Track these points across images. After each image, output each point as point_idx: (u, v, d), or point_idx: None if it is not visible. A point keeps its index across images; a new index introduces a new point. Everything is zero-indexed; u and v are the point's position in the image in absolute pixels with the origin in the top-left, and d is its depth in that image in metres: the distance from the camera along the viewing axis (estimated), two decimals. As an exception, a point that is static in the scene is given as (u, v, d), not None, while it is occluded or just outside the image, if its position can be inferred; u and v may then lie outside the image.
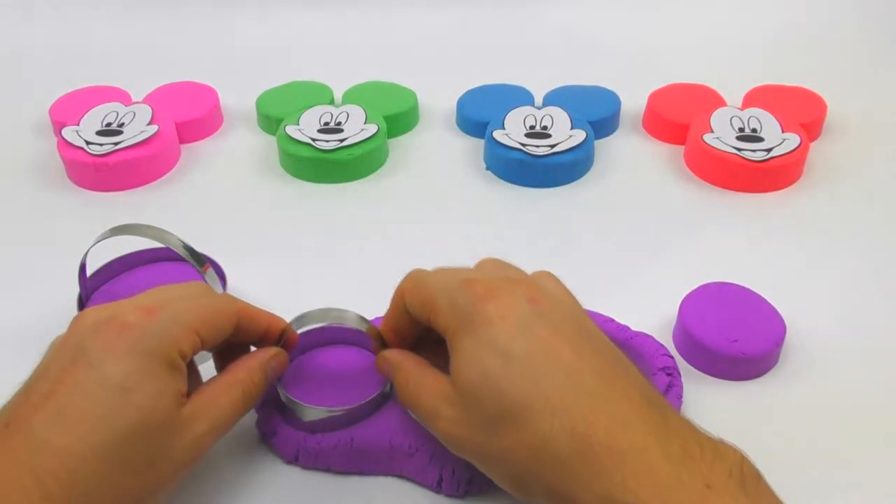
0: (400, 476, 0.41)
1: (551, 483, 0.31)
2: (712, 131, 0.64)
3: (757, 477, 0.31)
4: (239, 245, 0.56)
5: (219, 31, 0.85)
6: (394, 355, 0.40)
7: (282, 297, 0.52)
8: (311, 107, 0.68)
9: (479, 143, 0.68)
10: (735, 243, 0.57)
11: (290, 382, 0.44)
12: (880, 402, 0.45)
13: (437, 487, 0.40)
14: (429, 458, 0.40)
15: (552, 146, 0.63)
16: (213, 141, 0.70)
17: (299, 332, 0.43)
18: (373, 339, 0.42)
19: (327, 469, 0.41)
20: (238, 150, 0.69)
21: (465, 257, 0.55)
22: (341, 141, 0.64)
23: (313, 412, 0.41)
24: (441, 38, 0.84)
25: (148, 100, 0.71)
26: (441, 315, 0.36)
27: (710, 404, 0.44)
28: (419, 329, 0.40)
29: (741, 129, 0.64)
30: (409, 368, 0.38)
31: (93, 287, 0.50)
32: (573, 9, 0.86)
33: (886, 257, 0.55)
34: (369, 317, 0.43)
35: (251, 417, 0.44)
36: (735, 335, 0.45)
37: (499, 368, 0.33)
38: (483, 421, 0.33)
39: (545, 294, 0.36)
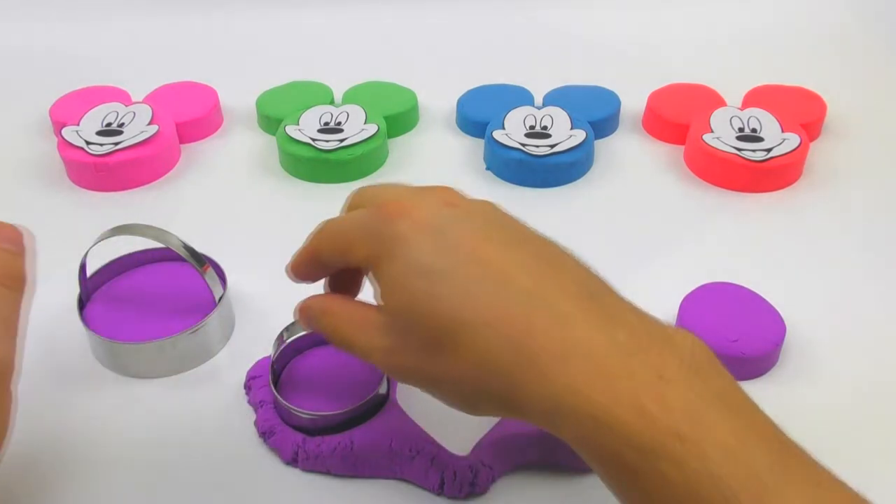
0: (400, 479, 0.41)
1: (498, 396, 0.30)
2: (712, 131, 0.64)
3: (710, 361, 0.29)
4: (239, 245, 0.56)
5: (219, 31, 0.85)
6: (314, 301, 0.37)
7: (282, 297, 0.52)
8: (311, 107, 0.68)
9: (479, 143, 0.68)
10: (735, 243, 0.57)
11: (286, 385, 0.44)
12: (880, 401, 0.45)
13: (439, 490, 0.40)
14: (429, 461, 0.40)
15: (552, 146, 0.63)
16: (213, 141, 0.70)
17: (290, 340, 0.43)
18: None
19: (327, 472, 0.41)
20: (238, 150, 0.69)
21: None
22: (341, 141, 0.64)
23: (308, 416, 0.41)
24: (441, 38, 0.84)
25: (148, 100, 0.71)
26: (359, 248, 0.34)
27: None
28: (328, 273, 0.38)
29: (741, 129, 0.64)
30: (334, 310, 0.36)
31: (93, 287, 0.50)
32: (573, 9, 0.86)
33: (886, 257, 0.55)
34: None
35: (250, 417, 0.44)
36: (735, 335, 0.45)
37: (425, 289, 0.31)
38: (420, 345, 0.32)
39: (463, 196, 0.34)
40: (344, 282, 0.39)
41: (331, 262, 0.36)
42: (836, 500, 0.27)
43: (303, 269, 0.38)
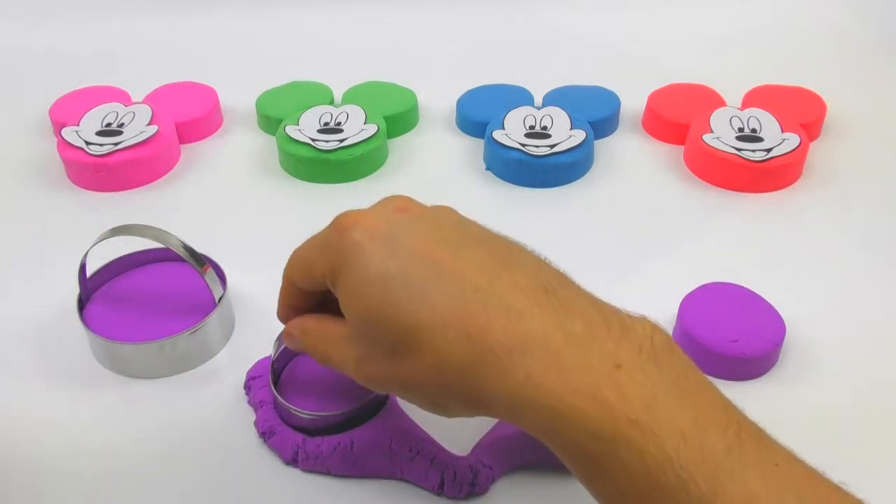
0: (400, 479, 0.41)
1: (463, 394, 0.30)
2: (712, 131, 0.64)
3: (669, 347, 0.29)
4: (239, 245, 0.56)
5: (219, 31, 0.85)
6: (294, 324, 0.38)
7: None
8: (310, 107, 0.68)
9: (479, 143, 0.68)
10: (735, 243, 0.57)
11: (286, 385, 0.44)
12: (880, 401, 0.45)
13: (439, 490, 0.40)
14: (429, 461, 0.40)
15: (552, 146, 0.63)
16: (213, 141, 0.70)
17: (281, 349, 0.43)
18: None
19: (327, 472, 0.41)
20: (238, 150, 0.69)
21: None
22: (341, 141, 0.64)
23: (308, 416, 0.41)
24: (441, 38, 0.84)
25: (148, 100, 0.71)
26: (318, 265, 0.34)
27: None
28: (315, 300, 0.38)
29: (741, 129, 0.64)
30: (310, 328, 0.37)
31: (93, 287, 0.50)
32: (573, 9, 0.86)
33: (886, 257, 0.55)
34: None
35: (250, 417, 0.44)
36: (735, 335, 0.45)
37: (381, 295, 0.31)
38: (384, 352, 0.32)
39: (416, 202, 0.35)
40: (333, 304, 0.39)
41: (301, 285, 0.37)
42: (794, 479, 0.27)
43: (286, 301, 0.39)
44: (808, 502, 0.26)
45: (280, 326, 0.45)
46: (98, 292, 0.51)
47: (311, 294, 0.38)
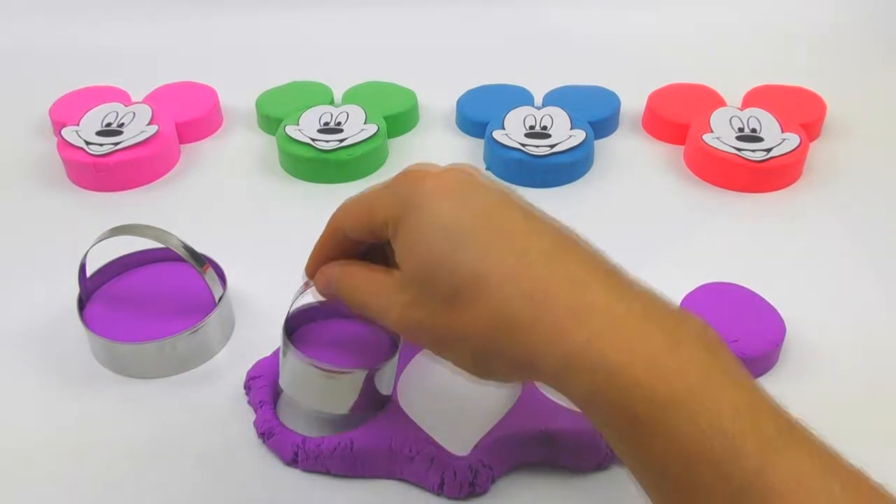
0: (400, 480, 0.41)
1: (512, 353, 0.30)
2: (712, 131, 0.64)
3: (720, 341, 0.30)
4: (239, 245, 0.56)
5: (219, 31, 0.85)
6: (333, 266, 0.38)
7: (282, 297, 0.52)
8: (310, 107, 0.68)
9: (479, 143, 0.68)
10: (735, 243, 0.57)
11: (298, 346, 0.42)
12: (880, 401, 0.45)
13: (439, 490, 0.40)
14: (429, 461, 0.40)
15: (552, 146, 0.63)
16: (213, 141, 0.70)
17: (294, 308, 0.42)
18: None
19: (327, 472, 0.41)
20: (238, 150, 0.69)
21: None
22: (341, 141, 0.64)
23: (332, 373, 0.39)
24: (441, 38, 0.84)
25: (148, 100, 0.71)
26: (381, 211, 0.34)
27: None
28: (353, 254, 0.38)
29: (741, 129, 0.64)
30: (353, 272, 0.37)
31: (93, 287, 0.50)
32: (573, 9, 0.86)
33: (886, 257, 0.55)
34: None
35: (250, 417, 0.44)
36: (735, 335, 0.45)
37: (447, 243, 0.31)
38: (438, 301, 0.32)
39: (479, 172, 0.35)
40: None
41: (353, 233, 0.36)
42: (840, 468, 0.27)
43: (322, 251, 0.38)
44: (851, 491, 0.26)
45: (279, 325, 0.45)
46: (98, 292, 0.51)
47: (351, 247, 0.37)
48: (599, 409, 0.29)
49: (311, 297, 0.42)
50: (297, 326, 0.44)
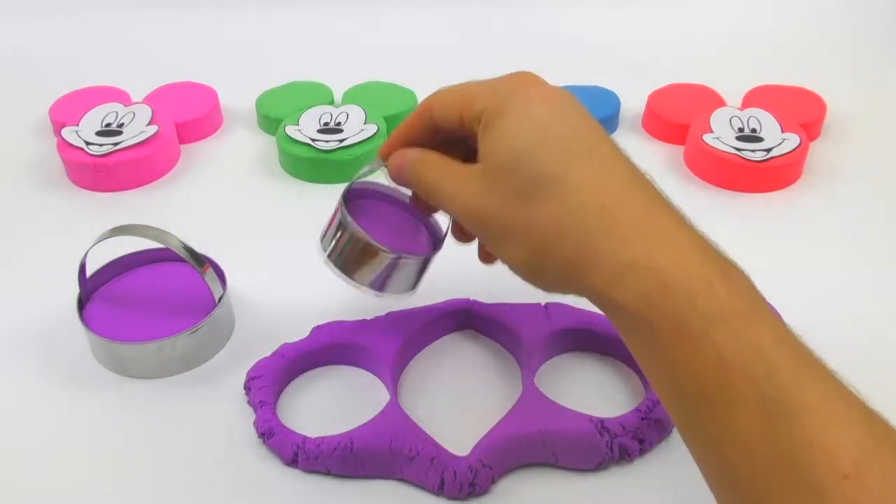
0: (400, 480, 0.41)
1: (571, 255, 0.32)
2: (712, 131, 0.64)
3: (760, 291, 0.32)
4: (239, 245, 0.56)
5: (219, 31, 0.85)
6: (411, 150, 0.39)
7: (282, 297, 0.53)
8: (310, 107, 0.68)
9: (479, 144, 0.67)
10: (735, 243, 0.57)
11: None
12: (880, 401, 0.45)
13: (439, 490, 0.40)
14: (429, 461, 0.40)
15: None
16: (212, 141, 0.70)
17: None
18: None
19: (327, 472, 0.41)
20: (238, 150, 0.69)
21: (464, 256, 0.55)
22: (341, 141, 0.64)
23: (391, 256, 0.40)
24: (441, 38, 0.84)
25: (148, 100, 0.71)
26: (479, 101, 0.35)
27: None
28: (433, 143, 0.39)
29: (741, 129, 0.64)
30: (431, 156, 0.38)
31: (92, 287, 0.50)
32: (573, 9, 0.86)
33: (886, 257, 0.55)
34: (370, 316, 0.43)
35: (250, 417, 0.44)
36: (735, 335, 0.45)
37: (538, 140, 0.33)
38: (511, 192, 0.33)
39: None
40: None
41: (443, 119, 0.37)
42: (863, 406, 0.29)
43: (404, 132, 0.39)
44: (873, 417, 0.29)
45: (279, 325, 0.45)
46: (98, 292, 0.51)
47: (433, 134, 0.38)
48: (648, 318, 0.30)
49: (378, 176, 0.42)
50: (352, 199, 0.43)
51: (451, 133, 0.38)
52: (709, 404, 0.29)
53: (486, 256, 0.42)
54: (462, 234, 0.42)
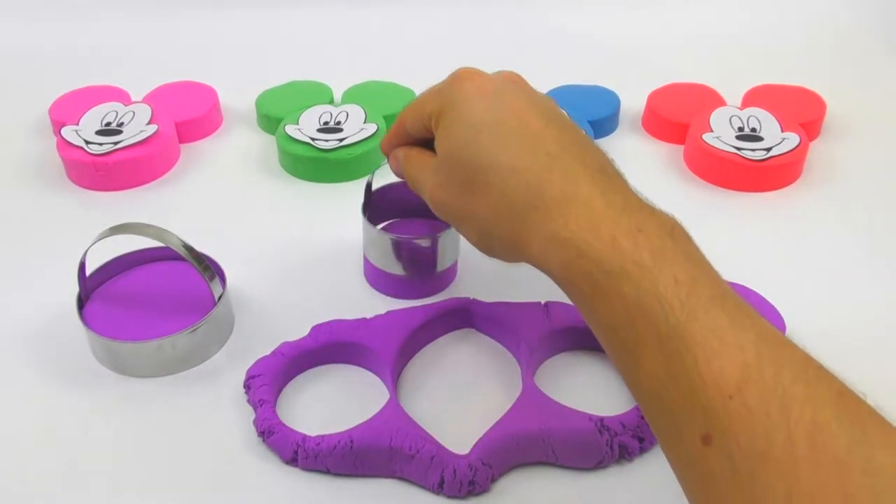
0: (400, 478, 0.41)
1: (507, 234, 0.36)
2: (712, 131, 0.64)
3: (686, 236, 0.34)
4: (239, 245, 0.56)
5: (218, 31, 0.85)
6: (402, 149, 0.44)
7: (282, 296, 0.53)
8: (310, 106, 0.68)
9: (479, 143, 0.67)
10: (735, 243, 0.57)
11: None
12: (880, 401, 0.45)
13: (438, 489, 0.40)
14: (429, 460, 0.40)
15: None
16: (212, 141, 0.70)
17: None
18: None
19: (326, 471, 0.41)
20: (238, 150, 0.69)
21: (464, 255, 0.55)
22: (341, 140, 0.64)
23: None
24: (441, 37, 0.84)
25: (147, 99, 0.71)
26: (429, 105, 0.40)
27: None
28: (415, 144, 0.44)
29: (741, 129, 0.64)
30: (411, 154, 0.43)
31: (92, 286, 0.50)
32: (573, 9, 0.86)
33: (886, 257, 0.55)
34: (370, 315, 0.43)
35: (250, 417, 0.44)
36: (735, 334, 0.45)
37: (469, 137, 0.37)
38: (458, 184, 0.38)
39: (526, 81, 0.41)
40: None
41: (411, 127, 0.43)
42: (761, 328, 0.30)
43: (392, 139, 0.45)
44: (762, 342, 0.30)
45: (279, 325, 0.45)
46: (97, 291, 0.51)
47: (408, 138, 0.44)
48: (571, 281, 0.34)
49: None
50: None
51: (424, 137, 0.42)
52: (625, 351, 0.32)
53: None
54: None
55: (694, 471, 0.30)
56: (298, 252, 0.57)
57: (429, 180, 0.40)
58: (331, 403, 0.45)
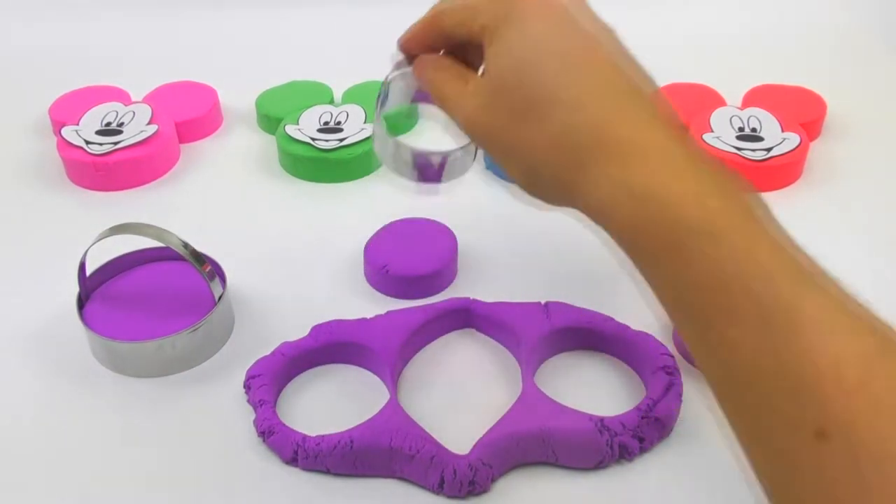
0: (400, 478, 0.41)
1: (561, 174, 0.33)
2: (712, 131, 0.64)
3: (760, 199, 0.32)
4: (239, 244, 0.56)
5: (219, 31, 0.85)
6: (430, 56, 0.39)
7: (282, 296, 0.53)
8: (310, 106, 0.68)
9: (479, 143, 0.67)
10: (735, 243, 0.57)
11: None
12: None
13: (438, 489, 0.40)
14: (429, 460, 0.40)
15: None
16: (212, 141, 0.70)
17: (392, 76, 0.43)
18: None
19: (326, 471, 0.41)
20: (238, 150, 0.69)
21: (464, 256, 0.55)
22: (341, 140, 0.64)
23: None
24: (441, 37, 0.84)
25: (147, 99, 0.71)
26: (482, 14, 0.35)
27: (711, 404, 0.44)
28: (440, 48, 0.40)
29: (741, 129, 0.64)
30: (445, 65, 0.38)
31: (92, 286, 0.50)
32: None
33: (886, 257, 0.55)
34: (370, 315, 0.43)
35: (250, 417, 0.44)
36: (735, 334, 0.45)
37: (534, 59, 0.33)
38: (510, 109, 0.34)
39: (588, 5, 0.37)
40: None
41: (451, 29, 0.37)
42: (863, 311, 0.29)
43: (421, 37, 0.40)
44: (882, 332, 0.28)
45: (279, 325, 0.45)
46: (98, 291, 0.51)
47: (442, 41, 0.39)
48: (643, 233, 0.30)
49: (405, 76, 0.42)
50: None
51: (462, 42, 0.37)
52: (707, 318, 0.29)
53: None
54: None
55: (804, 466, 0.26)
56: (298, 252, 0.57)
57: (468, 100, 0.36)
58: (331, 403, 0.45)
